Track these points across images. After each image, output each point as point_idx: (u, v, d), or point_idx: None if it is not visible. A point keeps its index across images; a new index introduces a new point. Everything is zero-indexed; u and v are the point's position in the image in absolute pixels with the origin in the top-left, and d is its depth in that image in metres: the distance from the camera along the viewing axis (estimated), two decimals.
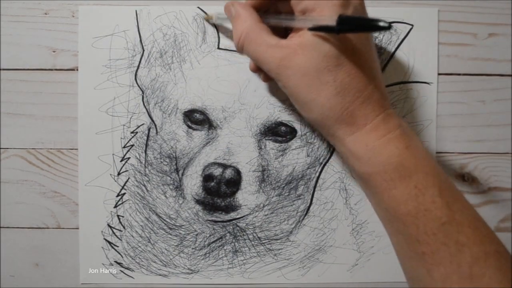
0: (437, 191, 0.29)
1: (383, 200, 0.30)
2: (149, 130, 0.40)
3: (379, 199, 0.31)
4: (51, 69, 0.40)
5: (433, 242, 0.28)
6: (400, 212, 0.29)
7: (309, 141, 0.40)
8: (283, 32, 0.32)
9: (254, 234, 0.40)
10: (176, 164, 0.40)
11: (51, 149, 0.40)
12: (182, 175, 0.40)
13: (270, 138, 0.40)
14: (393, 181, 0.29)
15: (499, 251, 0.28)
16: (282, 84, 0.31)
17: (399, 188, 0.29)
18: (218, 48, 0.39)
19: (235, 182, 0.39)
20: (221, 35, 0.39)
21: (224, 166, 0.39)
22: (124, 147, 0.40)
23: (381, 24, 0.24)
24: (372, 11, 0.39)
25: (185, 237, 0.40)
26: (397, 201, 0.29)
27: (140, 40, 0.39)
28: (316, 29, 0.28)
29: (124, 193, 0.40)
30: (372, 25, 0.25)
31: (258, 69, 0.35)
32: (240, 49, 0.32)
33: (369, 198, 0.32)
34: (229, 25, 0.37)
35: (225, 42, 0.39)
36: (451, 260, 0.27)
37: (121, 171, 0.40)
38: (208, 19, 0.39)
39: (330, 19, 0.27)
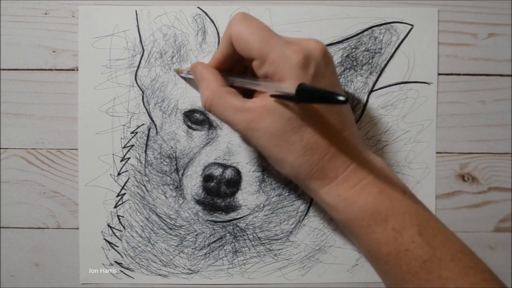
0: (416, 230, 0.29)
1: (364, 243, 0.31)
2: (149, 130, 0.40)
3: (359, 243, 0.32)
4: (51, 69, 0.40)
5: (417, 280, 0.28)
6: (382, 254, 0.30)
7: None
8: (249, 90, 0.33)
9: (254, 234, 0.40)
10: (176, 164, 0.40)
11: (51, 149, 0.40)
12: (182, 175, 0.40)
13: None
14: (370, 227, 0.30)
15: (485, 279, 0.28)
16: (253, 144, 0.31)
17: (377, 232, 0.30)
18: None
19: (235, 182, 0.39)
20: (221, 35, 0.39)
21: (224, 166, 0.39)
22: (124, 147, 0.40)
23: (339, 98, 0.24)
24: (372, 11, 0.39)
25: (185, 237, 0.40)
26: (377, 244, 0.30)
27: (140, 40, 0.39)
28: (277, 96, 0.28)
29: (124, 193, 0.40)
30: (330, 99, 0.25)
31: None
32: (208, 111, 0.33)
33: (351, 240, 0.33)
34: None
35: None
36: None
37: (121, 171, 0.40)
38: (178, 72, 0.39)
39: (290, 87, 0.27)
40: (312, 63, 0.29)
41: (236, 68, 0.35)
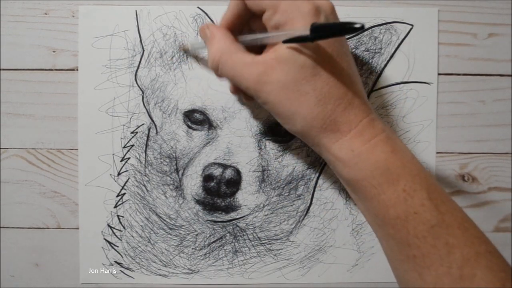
0: (426, 194, 0.29)
1: (372, 205, 0.30)
2: (149, 130, 0.40)
3: (368, 205, 0.31)
4: (51, 69, 0.40)
5: (423, 245, 0.28)
6: (390, 217, 0.29)
7: None
8: (259, 51, 0.33)
9: (254, 234, 0.40)
10: (176, 164, 0.40)
11: (51, 149, 0.40)
12: (182, 175, 0.40)
13: (270, 138, 0.40)
14: (381, 186, 0.29)
15: (490, 251, 0.28)
16: (262, 101, 0.31)
17: (387, 193, 0.29)
18: None
19: (235, 182, 0.39)
20: None
21: (224, 166, 0.39)
22: (124, 147, 0.40)
23: (355, 25, 0.24)
24: (372, 11, 0.39)
25: (185, 237, 0.40)
26: (386, 206, 0.29)
27: (140, 40, 0.39)
28: (290, 41, 0.28)
29: (124, 193, 0.40)
30: (346, 28, 0.25)
31: (237, 91, 0.36)
32: (216, 70, 0.32)
33: (357, 203, 0.33)
34: (205, 53, 0.37)
35: None
36: (442, 263, 0.27)
37: (121, 171, 0.40)
38: (184, 49, 0.39)
39: (303, 30, 0.27)
40: (322, 14, 0.29)
41: (245, 32, 0.34)
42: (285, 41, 0.28)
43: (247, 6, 0.30)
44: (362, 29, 0.24)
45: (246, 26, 0.34)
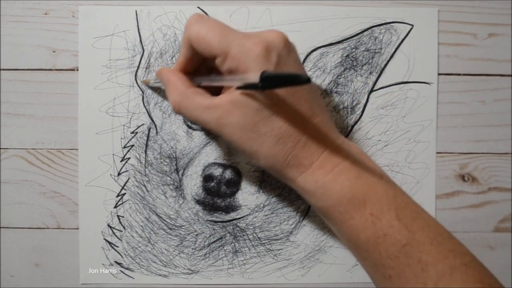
0: (394, 214, 0.29)
1: (343, 230, 0.31)
2: (149, 130, 0.40)
3: (339, 230, 0.31)
4: (51, 69, 0.40)
5: (397, 265, 0.28)
6: (361, 241, 0.30)
7: None
8: (217, 88, 0.33)
9: (254, 234, 0.40)
10: (176, 164, 0.40)
11: (51, 149, 0.40)
12: (182, 175, 0.40)
13: None
14: (348, 213, 0.30)
15: (465, 263, 0.28)
16: (226, 140, 0.31)
17: (355, 218, 0.29)
18: None
19: (235, 182, 0.39)
20: None
21: (224, 166, 0.39)
22: (124, 147, 0.40)
23: (303, 78, 0.24)
24: (372, 11, 0.39)
25: (185, 238, 0.40)
26: (356, 230, 0.30)
27: (140, 40, 0.39)
28: (242, 87, 0.28)
29: (124, 193, 0.40)
30: (294, 80, 0.25)
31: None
32: (178, 114, 0.33)
33: (330, 227, 0.33)
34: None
35: None
36: (417, 280, 0.28)
37: (121, 171, 0.40)
38: (146, 83, 0.39)
39: (254, 77, 0.27)
40: (274, 52, 0.29)
41: (202, 69, 0.35)
42: (238, 88, 0.29)
43: (197, 51, 0.31)
44: (309, 82, 0.24)
45: (203, 66, 0.34)
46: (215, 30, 0.30)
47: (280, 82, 0.26)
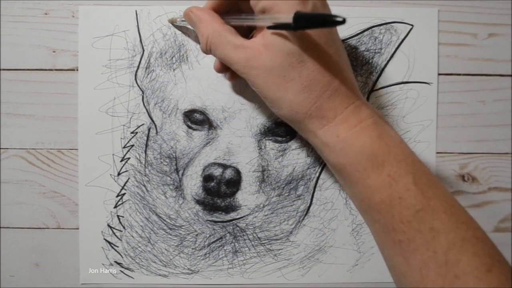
0: (411, 179, 0.28)
1: (358, 190, 0.30)
2: (149, 130, 0.40)
3: (353, 190, 0.31)
4: (51, 69, 0.40)
5: (408, 230, 0.28)
6: (375, 201, 0.29)
7: None
8: (247, 31, 0.33)
9: (254, 234, 0.40)
10: (176, 164, 0.40)
11: (51, 149, 0.40)
12: (182, 175, 0.40)
13: (270, 138, 0.40)
14: (366, 171, 0.29)
15: (476, 236, 0.28)
16: (251, 83, 0.31)
17: (372, 178, 0.29)
18: None
19: (235, 182, 0.39)
20: None
21: (224, 166, 0.39)
22: (124, 147, 0.40)
23: (336, 19, 0.24)
24: (372, 11, 0.39)
25: (185, 238, 0.40)
26: (371, 191, 0.29)
27: (140, 40, 0.39)
28: (274, 27, 0.28)
29: (124, 193, 0.40)
30: (328, 20, 0.25)
31: (223, 69, 0.36)
32: (208, 52, 0.33)
33: (344, 188, 0.33)
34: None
35: None
36: (427, 247, 0.27)
37: (121, 171, 0.40)
38: (172, 22, 0.39)
39: (287, 16, 0.27)
40: (310, 1, 0.29)
41: (232, 12, 0.34)
42: (270, 27, 0.28)
43: None
44: (343, 23, 0.24)
45: (234, 6, 0.34)
46: None
47: (313, 22, 0.26)
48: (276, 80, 0.30)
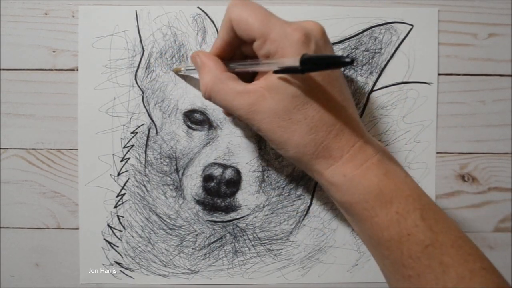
0: (419, 214, 0.29)
1: (366, 227, 0.30)
2: (149, 130, 0.40)
3: (362, 227, 0.31)
4: (51, 69, 0.40)
5: (418, 265, 0.28)
6: (384, 239, 0.29)
7: None
8: (250, 76, 0.33)
9: (254, 235, 0.40)
10: (176, 164, 0.40)
11: (51, 149, 0.40)
12: (182, 175, 0.40)
13: None
14: (374, 209, 0.29)
15: (485, 268, 0.28)
16: (256, 128, 0.31)
17: (380, 216, 0.29)
18: None
19: (235, 182, 0.39)
20: None
21: (224, 166, 0.39)
22: (124, 147, 0.40)
23: (345, 60, 0.24)
24: (372, 11, 0.39)
25: (185, 238, 0.40)
26: (380, 228, 0.29)
27: (140, 40, 0.39)
28: (281, 71, 0.28)
29: (124, 193, 0.40)
30: (335, 62, 0.25)
31: (230, 114, 0.37)
32: (208, 99, 0.32)
33: (352, 225, 0.33)
34: (197, 76, 0.37)
35: None
36: (437, 282, 0.28)
37: (121, 171, 0.40)
38: (177, 71, 0.39)
39: (293, 60, 0.27)
40: (312, 40, 0.29)
41: (236, 57, 0.34)
42: (276, 71, 0.28)
43: (237, 34, 0.31)
44: (352, 63, 0.24)
45: (238, 50, 0.34)
46: (257, 13, 0.29)
47: (321, 64, 0.26)
48: (281, 123, 0.30)
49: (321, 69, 0.27)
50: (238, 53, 0.34)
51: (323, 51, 0.30)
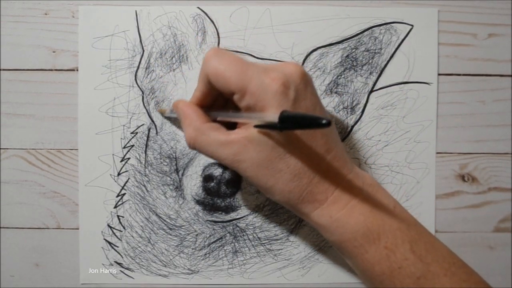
0: (408, 247, 0.29)
1: (358, 263, 0.31)
2: (149, 130, 0.40)
3: (354, 263, 0.32)
4: (51, 69, 0.40)
5: None
6: (375, 273, 0.30)
7: None
8: (233, 122, 0.33)
9: (254, 235, 0.40)
10: (176, 164, 0.40)
11: (51, 149, 0.40)
12: (182, 175, 0.40)
13: None
14: (363, 246, 0.30)
15: None
16: (241, 175, 0.31)
17: (370, 252, 0.30)
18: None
19: (235, 183, 0.39)
20: (221, 35, 0.39)
21: (224, 167, 0.39)
22: (124, 147, 0.40)
23: (323, 122, 0.24)
24: (372, 11, 0.39)
25: (185, 238, 0.40)
26: (370, 264, 0.30)
27: (140, 41, 0.39)
28: (260, 126, 0.28)
29: (124, 194, 0.40)
30: (314, 123, 0.25)
31: None
32: (193, 149, 0.33)
33: (345, 259, 0.34)
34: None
35: (225, 42, 0.39)
36: None
37: (121, 172, 0.40)
38: (161, 112, 0.39)
39: (272, 116, 0.27)
40: (292, 87, 0.29)
41: (218, 101, 0.35)
42: (256, 126, 0.29)
43: (215, 87, 0.31)
44: (328, 125, 0.24)
45: (219, 99, 0.34)
46: (233, 66, 0.29)
47: (299, 124, 0.26)
48: (265, 171, 0.30)
49: (299, 128, 0.27)
50: (219, 99, 0.34)
51: (303, 96, 0.30)
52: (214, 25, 0.39)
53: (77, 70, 0.39)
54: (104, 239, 0.40)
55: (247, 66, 0.29)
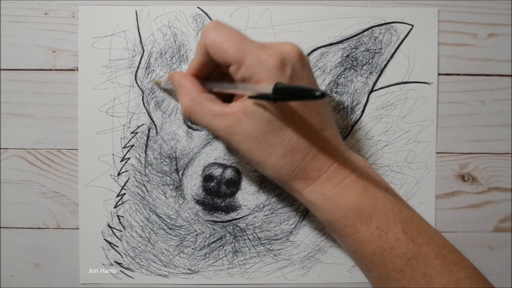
0: (400, 228, 0.29)
1: (349, 243, 0.31)
2: (149, 130, 0.40)
3: (345, 242, 0.32)
4: (51, 69, 0.40)
5: (402, 278, 0.29)
6: (366, 253, 0.30)
7: None
8: (229, 95, 0.33)
9: (254, 234, 0.40)
10: (176, 164, 0.40)
11: (51, 149, 0.40)
12: (182, 175, 0.40)
13: None
14: (354, 226, 0.30)
15: (470, 276, 0.29)
16: (234, 149, 0.32)
17: (361, 231, 0.30)
18: None
19: (235, 182, 0.39)
20: None
21: (224, 166, 0.39)
22: (124, 147, 0.40)
23: (316, 93, 0.24)
24: (372, 11, 0.39)
25: (185, 237, 0.40)
26: (361, 243, 0.30)
27: (140, 40, 0.39)
28: (254, 97, 0.28)
29: (124, 193, 0.40)
30: (306, 94, 0.25)
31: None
32: (188, 120, 0.33)
33: (336, 239, 0.34)
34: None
35: None
36: None
37: (121, 171, 0.40)
38: (157, 84, 0.39)
39: (267, 88, 0.27)
40: (289, 65, 0.29)
41: (214, 74, 0.35)
42: (250, 97, 0.29)
43: (213, 58, 0.31)
44: (322, 97, 0.24)
45: (215, 71, 0.34)
46: (232, 38, 0.29)
47: (292, 95, 0.26)
48: (258, 145, 0.30)
49: (293, 99, 0.27)
50: (215, 72, 0.34)
51: (300, 75, 0.30)
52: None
53: (77, 70, 0.39)
54: (104, 239, 0.40)
55: (245, 40, 0.30)
